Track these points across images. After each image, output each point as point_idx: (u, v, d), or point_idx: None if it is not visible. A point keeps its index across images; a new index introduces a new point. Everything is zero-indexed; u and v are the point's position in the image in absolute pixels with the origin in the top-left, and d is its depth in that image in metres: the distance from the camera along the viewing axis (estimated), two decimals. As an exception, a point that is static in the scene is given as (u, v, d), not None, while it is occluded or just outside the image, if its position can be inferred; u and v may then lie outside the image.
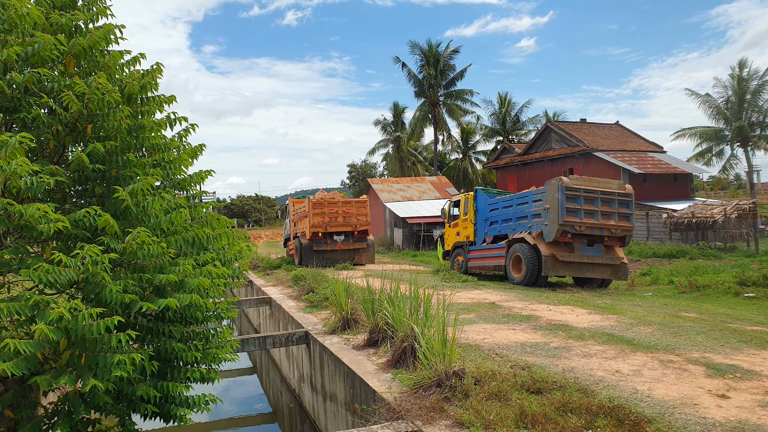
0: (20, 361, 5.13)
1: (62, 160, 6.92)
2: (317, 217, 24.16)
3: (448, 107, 57.65)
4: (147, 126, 6.76)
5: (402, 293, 8.56)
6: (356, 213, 24.84)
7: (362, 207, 25.14)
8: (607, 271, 16.45)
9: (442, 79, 56.38)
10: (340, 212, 24.56)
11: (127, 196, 5.95)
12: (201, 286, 6.34)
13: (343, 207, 24.71)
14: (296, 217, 26.87)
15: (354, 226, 24.74)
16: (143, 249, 5.85)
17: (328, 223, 24.28)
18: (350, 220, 24.68)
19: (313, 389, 10.70)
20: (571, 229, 15.65)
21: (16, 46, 5.82)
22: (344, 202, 25.07)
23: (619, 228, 16.10)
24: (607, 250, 16.51)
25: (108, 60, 6.82)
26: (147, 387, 6.31)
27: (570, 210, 15.61)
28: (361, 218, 24.98)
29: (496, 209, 19.08)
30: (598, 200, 15.93)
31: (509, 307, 12.00)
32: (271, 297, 16.47)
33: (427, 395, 6.04)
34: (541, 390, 5.98)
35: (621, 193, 16.33)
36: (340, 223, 24.51)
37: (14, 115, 6.17)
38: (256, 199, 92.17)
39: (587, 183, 16.19)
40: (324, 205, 24.37)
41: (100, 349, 5.62)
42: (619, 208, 16.20)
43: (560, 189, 15.58)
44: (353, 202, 25.16)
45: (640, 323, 9.88)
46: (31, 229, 5.49)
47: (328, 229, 24.31)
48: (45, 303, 5.26)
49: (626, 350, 7.84)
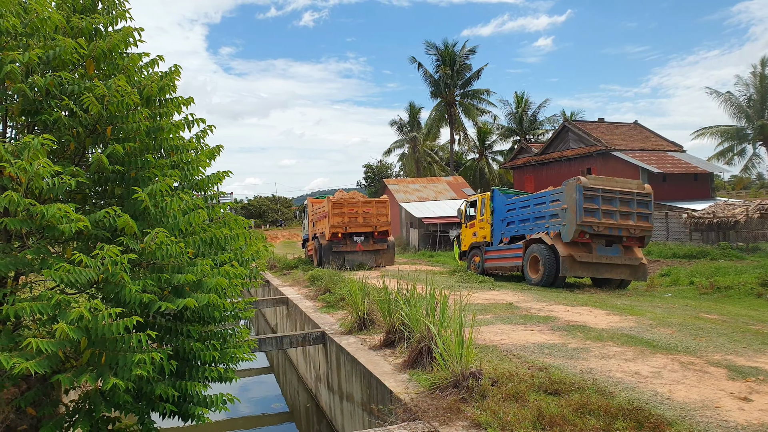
0: (42, 359, 5.21)
1: (82, 161, 7.02)
2: (337, 217, 23.50)
3: (464, 107, 57.49)
4: (165, 127, 6.83)
5: (418, 294, 8.56)
6: (376, 213, 24.13)
7: (383, 207, 24.41)
8: (625, 271, 16.31)
9: (459, 78, 56.23)
10: (360, 212, 23.87)
11: (146, 197, 6.03)
12: (219, 286, 6.39)
13: (363, 207, 24.00)
14: (315, 217, 26.19)
15: (374, 227, 24.00)
16: (162, 249, 5.91)
17: (348, 223, 23.62)
18: (370, 221, 23.97)
19: (330, 389, 10.74)
20: (589, 230, 15.55)
21: (38, 49, 5.91)
22: (364, 202, 24.35)
23: (638, 228, 15.97)
24: (626, 251, 16.38)
25: (127, 62, 6.91)
26: (166, 386, 6.38)
27: (588, 210, 15.50)
28: (382, 219, 24.23)
29: (513, 209, 19.02)
30: (616, 200, 15.81)
31: (526, 308, 11.95)
32: (288, 297, 16.54)
33: (443, 396, 6.03)
34: (558, 391, 5.95)
35: (640, 192, 16.19)
36: (360, 223, 23.82)
37: (36, 117, 6.27)
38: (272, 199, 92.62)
39: (605, 183, 16.07)
40: (344, 205, 23.72)
41: (120, 349, 5.69)
42: (638, 208, 16.06)
43: (578, 189, 15.49)
44: (373, 202, 24.42)
45: (659, 324, 9.79)
46: (52, 229, 5.57)
47: (347, 230, 23.63)
48: (66, 302, 5.34)
49: (646, 352, 7.77)
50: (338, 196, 25.02)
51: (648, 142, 39.68)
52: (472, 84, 57.00)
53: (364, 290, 10.75)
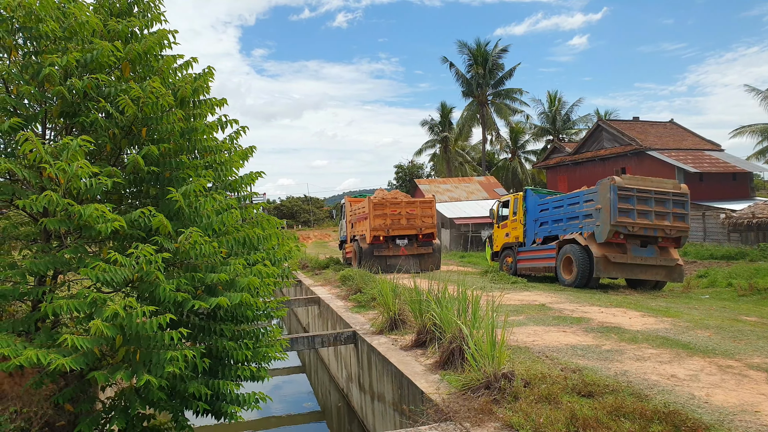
0: (79, 356, 5.32)
1: (118, 162, 7.15)
2: (378, 218, 21.74)
3: (496, 106, 57.14)
4: (199, 129, 6.92)
5: (450, 294, 8.51)
6: (421, 214, 22.19)
7: (428, 208, 22.44)
8: (661, 272, 16.11)
9: (491, 78, 55.91)
10: (404, 213, 22.06)
11: (180, 197, 6.11)
12: (251, 285, 6.45)
13: (407, 208, 22.18)
14: (354, 217, 24.54)
15: (419, 229, 22.10)
16: (195, 249, 5.99)
17: (391, 225, 21.83)
18: (414, 223, 22.13)
19: (361, 389, 10.75)
20: (623, 230, 15.39)
21: (76, 52, 6.04)
22: (408, 202, 22.42)
23: (673, 228, 15.79)
24: (661, 252, 16.20)
25: (162, 64, 7.01)
26: (199, 384, 6.45)
27: (622, 210, 15.35)
28: (427, 220, 22.27)
29: (546, 210, 18.86)
30: (651, 200, 15.63)
31: (559, 309, 11.80)
32: (320, 296, 16.62)
33: (475, 397, 5.98)
34: (592, 393, 5.85)
35: (676, 192, 16.01)
36: (404, 225, 22.01)
37: (74, 119, 6.41)
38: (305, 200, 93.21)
39: (640, 182, 15.89)
40: (385, 205, 21.90)
41: (154, 346, 5.78)
42: (674, 208, 15.88)
43: (612, 189, 15.35)
44: (417, 203, 22.48)
45: (696, 327, 9.57)
46: (89, 228, 5.69)
47: (390, 233, 21.84)
48: (102, 300, 5.43)
49: (682, 354, 7.60)
50: (379, 196, 23.03)
51: (684, 141, 38.90)
52: (505, 83, 56.67)
53: (395, 290, 10.73)
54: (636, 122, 42.36)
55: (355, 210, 24.41)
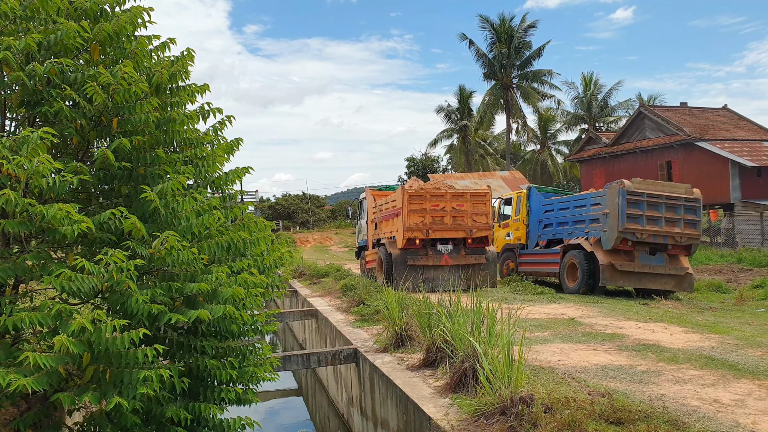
0: (41, 376, 5.41)
1: (86, 157, 7.26)
2: (415, 215, 18.18)
3: (523, 91, 57.07)
4: (177, 119, 7.01)
5: (462, 306, 8.59)
6: (472, 211, 18.58)
7: (481, 202, 18.81)
8: (670, 282, 17.08)
9: (517, 58, 55.87)
10: (449, 209, 18.42)
11: (155, 197, 6.20)
12: (236, 296, 6.53)
13: (453, 201, 18.53)
14: (380, 215, 21.13)
15: (468, 231, 18.49)
16: (172, 255, 6.08)
17: (431, 224, 18.25)
18: (463, 222, 18.53)
19: (363, 414, 10.84)
20: (631, 237, 16.32)
21: (36, 33, 6.14)
22: (454, 194, 18.78)
23: (684, 236, 16.75)
24: (671, 260, 17.21)
25: (135, 46, 7.11)
26: (177, 408, 6.54)
27: (631, 216, 16.27)
28: (480, 219, 18.70)
29: (551, 211, 19.87)
30: (662, 206, 16.58)
31: (591, 324, 11.85)
32: (318, 309, 16.74)
33: (488, 423, 6.06)
34: (622, 420, 5.91)
35: (688, 198, 17.00)
36: (448, 225, 18.43)
37: (36, 109, 6.51)
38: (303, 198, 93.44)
39: (651, 187, 16.96)
40: (425, 197, 18.36)
41: (126, 365, 5.87)
42: (686, 214, 16.86)
43: (621, 193, 16.22)
44: (468, 195, 18.87)
45: (747, 345, 9.61)
46: (53, 231, 5.79)
47: (429, 234, 18.22)
48: (68, 313, 5.54)
49: (728, 376, 7.65)
50: (416, 186, 19.34)
51: (739, 130, 38.79)
52: (533, 64, 56.60)
53: (401, 302, 10.82)
54: (684, 108, 42.30)
55: (381, 206, 21.18)
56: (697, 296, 17.98)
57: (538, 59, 56.68)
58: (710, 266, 26.84)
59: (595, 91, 60.13)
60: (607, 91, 60.16)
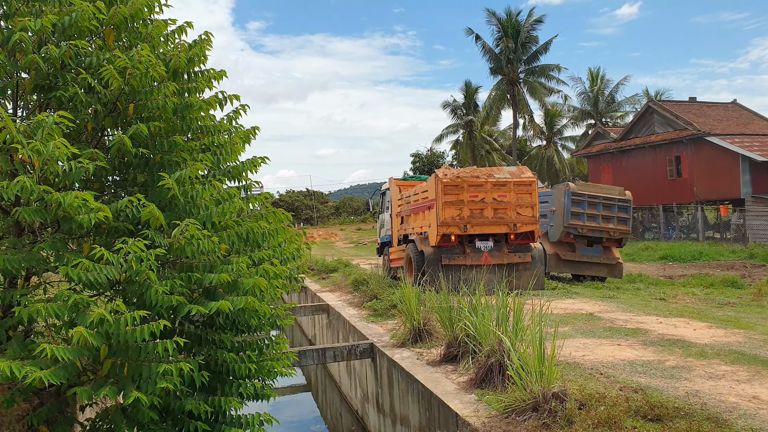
0: (58, 369, 5.22)
1: (100, 144, 7.04)
2: (451, 208, 15.92)
3: (529, 86, 56.66)
4: (195, 105, 6.79)
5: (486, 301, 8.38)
6: (516, 202, 16.36)
7: (526, 192, 16.64)
8: (603, 269, 19.92)
9: (523, 53, 55.43)
10: (489, 200, 16.16)
11: (173, 185, 5.99)
12: (257, 288, 6.31)
13: (495, 192, 16.26)
14: (406, 208, 19.02)
15: (512, 225, 16.31)
16: (192, 244, 5.88)
17: (470, 218, 16.01)
18: (506, 215, 16.30)
19: (380, 411, 10.64)
20: (574, 231, 19.07)
21: (51, 15, 5.93)
22: (495, 183, 16.34)
23: (617, 231, 19.73)
24: (605, 251, 19.92)
25: (151, 30, 6.90)
26: (197, 401, 6.33)
27: (574, 214, 19.03)
28: (525, 211, 16.48)
29: None
30: (600, 205, 19.42)
31: (611, 319, 11.64)
32: (329, 304, 16.54)
33: (520, 420, 5.85)
34: (660, 417, 5.71)
35: (621, 198, 19.86)
36: (489, 219, 16.15)
37: (49, 94, 6.30)
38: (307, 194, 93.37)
39: (592, 189, 20.13)
40: (462, 187, 16.05)
41: (144, 358, 5.67)
42: (619, 212, 19.74)
43: (567, 194, 19.02)
44: (510, 183, 16.45)
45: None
46: (68, 220, 5.59)
47: (467, 230, 15.99)
48: (85, 304, 5.33)
49: (763, 372, 7.42)
50: (450, 174, 16.75)
51: (750, 125, 38.46)
52: (539, 59, 56.10)
53: (419, 297, 10.60)
54: (693, 103, 41.98)
55: (409, 197, 18.99)
56: (713, 292, 17.77)
57: (544, 54, 56.11)
58: (722, 262, 26.59)
59: (602, 87, 59.74)
60: (613, 87, 59.79)
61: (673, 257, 28.39)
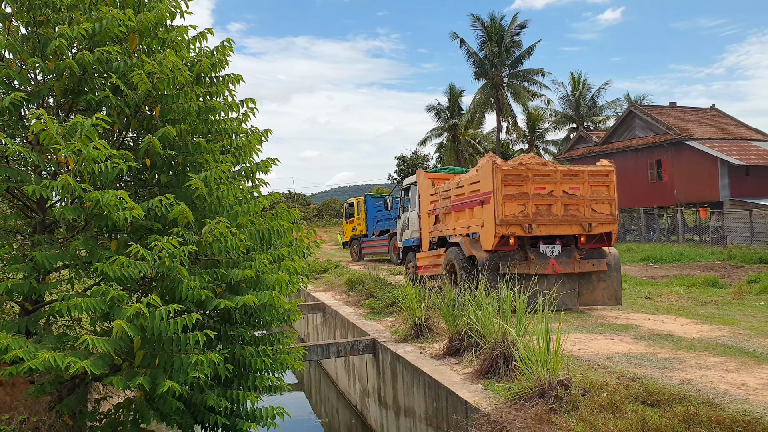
0: (97, 359, 5.49)
1: (123, 146, 7.29)
2: (512, 203, 12.56)
3: (513, 90, 57.20)
4: (218, 108, 7.08)
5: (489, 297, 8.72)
6: (590, 197, 13.10)
7: (603, 184, 13.41)
8: None
9: (507, 57, 55.95)
10: (558, 194, 12.87)
11: (201, 185, 6.26)
12: (281, 282, 6.61)
13: (565, 183, 13.01)
14: (444, 204, 15.39)
15: (587, 225, 12.99)
16: (220, 242, 6.16)
17: (535, 215, 12.66)
18: (578, 212, 13.03)
19: (382, 404, 10.94)
20: None
21: (86, 23, 6.19)
22: (566, 172, 13.20)
23: None
24: None
25: (174, 35, 7.16)
26: (217, 396, 6.60)
27: None
28: (601, 208, 13.24)
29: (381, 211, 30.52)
30: None
31: (601, 316, 12.04)
32: (325, 303, 16.80)
33: (529, 406, 6.19)
34: (658, 402, 6.07)
35: None
36: (558, 217, 12.81)
37: (79, 97, 6.55)
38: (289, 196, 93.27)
39: None
40: (527, 177, 12.74)
41: (176, 350, 5.95)
42: None
43: None
44: (584, 173, 13.32)
45: (758, 335, 9.80)
46: (102, 218, 5.85)
47: (532, 230, 12.55)
48: (121, 299, 5.61)
49: (749, 363, 7.83)
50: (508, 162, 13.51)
51: (728, 130, 39.20)
52: (523, 63, 56.65)
53: (420, 293, 10.93)
54: (673, 108, 42.68)
55: (448, 191, 15.26)
56: (696, 291, 18.22)
57: (528, 59, 56.68)
58: (702, 263, 27.11)
59: (584, 91, 60.48)
60: (595, 91, 60.55)
61: (654, 258, 28.89)
